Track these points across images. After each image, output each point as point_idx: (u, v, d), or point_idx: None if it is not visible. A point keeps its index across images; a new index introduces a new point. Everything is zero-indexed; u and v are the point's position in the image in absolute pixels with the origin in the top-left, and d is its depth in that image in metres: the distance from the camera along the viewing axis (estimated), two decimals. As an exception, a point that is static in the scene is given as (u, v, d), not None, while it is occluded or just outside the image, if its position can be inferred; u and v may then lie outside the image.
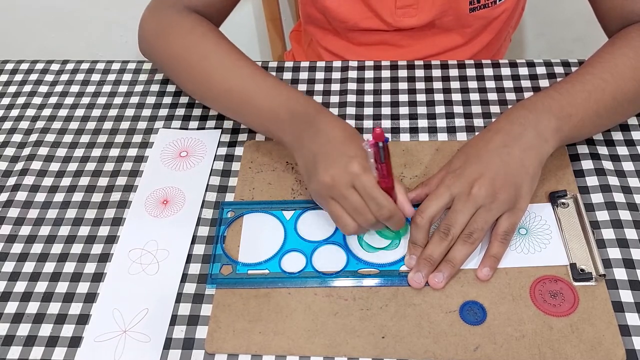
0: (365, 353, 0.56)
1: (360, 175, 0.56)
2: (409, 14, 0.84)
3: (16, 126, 0.78)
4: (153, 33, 0.76)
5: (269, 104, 0.66)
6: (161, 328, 0.58)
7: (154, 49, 0.77)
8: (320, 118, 0.63)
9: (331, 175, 0.57)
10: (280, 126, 0.65)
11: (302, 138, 0.62)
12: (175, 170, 0.71)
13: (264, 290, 0.60)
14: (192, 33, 0.73)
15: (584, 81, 0.65)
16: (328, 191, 0.58)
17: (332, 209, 0.59)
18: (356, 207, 0.57)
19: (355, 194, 0.57)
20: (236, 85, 0.69)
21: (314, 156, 0.60)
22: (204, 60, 0.71)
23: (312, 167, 0.60)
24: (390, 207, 0.57)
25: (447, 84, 0.78)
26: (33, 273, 0.63)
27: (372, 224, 0.58)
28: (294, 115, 0.64)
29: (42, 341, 0.58)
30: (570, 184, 0.66)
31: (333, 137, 0.60)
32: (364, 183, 0.56)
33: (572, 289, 0.58)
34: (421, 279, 0.59)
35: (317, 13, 0.89)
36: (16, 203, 0.69)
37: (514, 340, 0.55)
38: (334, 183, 0.57)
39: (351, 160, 0.57)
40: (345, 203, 0.58)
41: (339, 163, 0.58)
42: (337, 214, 0.59)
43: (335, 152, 0.59)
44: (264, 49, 1.53)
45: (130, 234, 0.65)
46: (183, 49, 0.72)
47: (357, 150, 0.58)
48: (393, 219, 0.58)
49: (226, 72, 0.69)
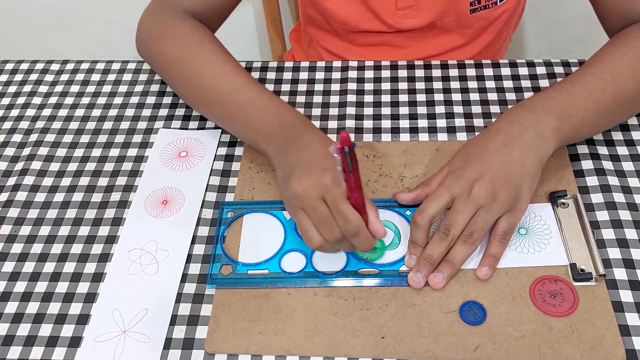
0: (365, 353, 0.56)
1: (331, 187, 0.56)
2: (409, 15, 0.84)
3: (16, 126, 0.78)
4: (150, 35, 0.76)
5: (259, 115, 0.66)
6: (161, 328, 0.58)
7: (151, 52, 0.77)
8: (308, 133, 0.63)
9: (303, 186, 0.57)
10: (267, 137, 0.65)
11: (286, 150, 0.62)
12: (175, 170, 0.71)
13: (263, 290, 0.60)
14: (189, 39, 0.73)
15: (584, 81, 0.65)
16: (298, 201, 0.57)
17: (300, 220, 0.58)
18: (323, 219, 0.56)
19: (324, 206, 0.56)
20: (228, 94, 0.69)
21: (292, 167, 0.60)
22: (198, 67, 0.71)
23: (287, 176, 0.59)
24: (358, 223, 0.56)
25: (447, 84, 0.78)
26: (33, 273, 0.63)
27: (338, 239, 0.57)
28: (283, 128, 0.64)
29: (42, 341, 0.58)
30: (570, 184, 0.66)
31: (315, 152, 0.60)
32: (333, 196, 0.55)
33: (572, 289, 0.58)
34: (421, 279, 0.59)
35: (318, 14, 0.89)
36: (16, 203, 0.69)
37: (514, 340, 0.55)
38: (304, 193, 0.57)
39: (325, 173, 0.57)
40: (313, 214, 0.56)
41: (313, 175, 0.57)
42: (303, 226, 0.57)
43: (312, 165, 0.58)
44: (264, 49, 1.53)
45: (130, 234, 0.65)
46: (179, 54, 0.72)
47: (335, 165, 0.58)
48: (359, 236, 0.56)
49: (218, 81, 0.70)
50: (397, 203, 0.65)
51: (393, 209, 0.65)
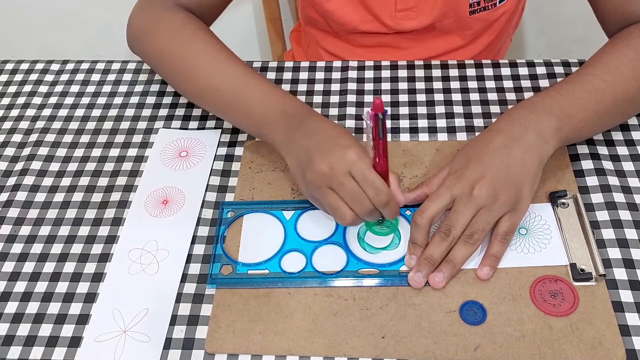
0: (365, 353, 0.56)
1: (357, 161, 0.57)
2: (408, 17, 0.84)
3: (16, 126, 0.78)
4: (142, 29, 0.76)
5: (260, 104, 0.66)
6: (161, 328, 0.58)
7: (143, 45, 0.76)
8: (312, 118, 0.63)
9: (328, 164, 0.57)
10: (270, 126, 0.65)
11: (293, 137, 0.62)
12: (175, 170, 0.71)
13: (264, 290, 0.60)
14: (182, 30, 0.72)
15: (585, 81, 0.65)
16: (325, 180, 0.58)
17: (330, 198, 0.58)
18: (354, 194, 0.57)
19: (352, 181, 0.57)
20: (225, 84, 0.68)
21: (307, 151, 0.60)
22: (193, 58, 0.70)
23: (306, 160, 0.59)
24: (388, 192, 0.57)
25: (447, 84, 0.78)
26: (33, 273, 0.63)
27: (369, 211, 0.58)
28: (286, 115, 0.64)
29: (42, 341, 0.58)
30: (570, 184, 0.66)
31: (326, 133, 0.61)
32: (361, 168, 0.56)
33: (572, 289, 0.58)
34: (421, 279, 0.59)
35: (317, 15, 0.89)
36: (16, 203, 0.69)
37: (514, 340, 0.55)
38: (331, 171, 0.57)
39: (347, 149, 0.57)
40: (343, 191, 0.57)
41: (335, 152, 0.58)
42: (334, 204, 0.58)
43: (329, 144, 0.59)
44: (264, 49, 1.53)
45: (130, 234, 0.65)
46: (172, 46, 0.72)
47: (351, 141, 0.59)
48: (390, 204, 0.58)
49: (216, 71, 0.69)
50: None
51: (393, 209, 0.65)
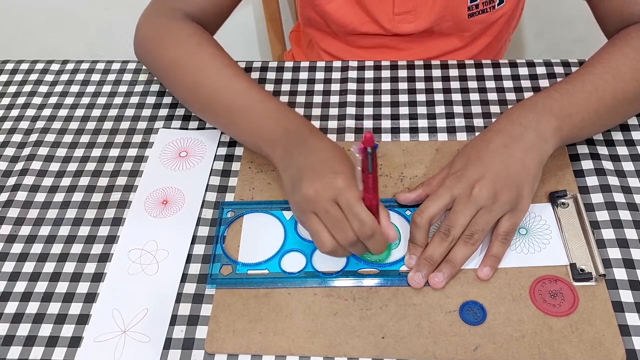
0: (365, 353, 0.56)
1: (344, 189, 0.55)
2: (407, 20, 0.84)
3: (16, 126, 0.78)
4: (149, 39, 0.76)
5: (262, 120, 0.66)
6: (161, 328, 0.58)
7: (150, 56, 0.76)
8: (313, 138, 0.63)
9: (315, 189, 0.56)
10: (271, 142, 0.64)
11: (292, 155, 0.61)
12: (175, 170, 0.71)
13: (264, 290, 0.60)
14: (188, 42, 0.72)
15: (585, 81, 0.65)
16: (310, 205, 0.56)
17: (312, 224, 0.56)
18: (336, 222, 0.55)
19: (337, 209, 0.55)
20: (229, 99, 0.68)
21: (300, 171, 0.59)
22: (198, 71, 0.70)
23: (296, 180, 0.58)
24: (373, 225, 0.55)
25: (447, 84, 0.78)
26: (33, 273, 0.63)
27: (352, 242, 0.56)
28: (287, 132, 0.64)
29: (42, 341, 0.58)
30: (570, 184, 0.66)
31: (323, 156, 0.60)
32: (347, 197, 0.55)
33: (572, 289, 0.58)
34: (421, 279, 0.59)
35: (317, 16, 0.89)
36: (16, 203, 0.69)
37: (514, 340, 0.55)
38: (316, 196, 0.56)
39: (337, 175, 0.56)
40: (326, 217, 0.55)
41: (324, 178, 0.56)
42: (316, 229, 0.56)
43: (321, 168, 0.58)
44: (264, 49, 1.53)
45: (130, 234, 0.65)
46: (178, 58, 0.72)
47: (345, 167, 0.58)
48: (374, 238, 0.55)
49: (219, 85, 0.69)
50: (397, 203, 0.65)
51: (393, 209, 0.65)
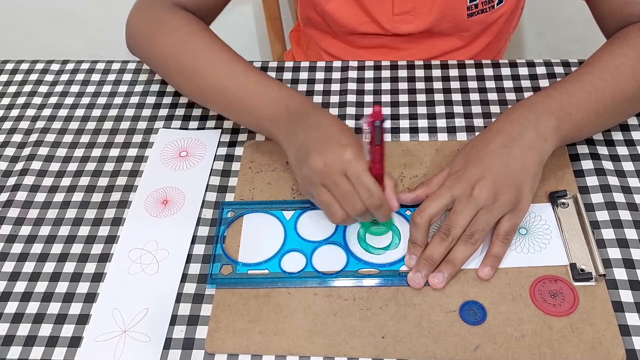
0: (365, 353, 0.56)
1: (352, 162, 0.56)
2: (406, 21, 0.84)
3: (16, 126, 0.78)
4: (141, 31, 0.75)
5: (263, 100, 0.66)
6: (161, 328, 0.58)
7: (143, 47, 0.75)
8: (315, 112, 0.63)
9: (324, 161, 0.57)
10: (274, 121, 0.65)
11: (295, 131, 0.62)
12: (175, 170, 0.71)
13: (264, 290, 0.60)
14: (182, 30, 0.72)
15: (584, 81, 0.65)
16: (319, 177, 0.58)
17: (322, 196, 0.58)
18: (346, 194, 0.57)
19: (346, 181, 0.57)
20: (228, 82, 0.68)
21: (306, 145, 0.60)
22: (195, 58, 0.70)
23: (304, 154, 0.59)
24: (381, 195, 0.57)
25: (447, 84, 0.78)
26: (33, 273, 0.63)
27: (361, 213, 0.58)
28: (289, 109, 0.64)
29: (42, 341, 0.58)
30: (570, 184, 0.66)
31: (327, 129, 0.60)
32: (356, 169, 0.56)
33: (572, 289, 0.58)
34: (421, 279, 0.59)
35: (317, 16, 0.89)
36: (16, 203, 0.69)
37: (514, 340, 0.55)
38: (326, 169, 0.57)
39: (344, 148, 0.57)
40: (336, 190, 0.57)
41: (332, 150, 0.58)
42: (326, 202, 0.58)
43: (328, 141, 0.59)
44: (264, 49, 1.53)
45: (130, 234, 0.65)
46: (173, 47, 0.72)
47: (351, 139, 0.59)
48: (382, 208, 0.58)
49: (218, 70, 0.69)
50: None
51: (393, 209, 0.65)
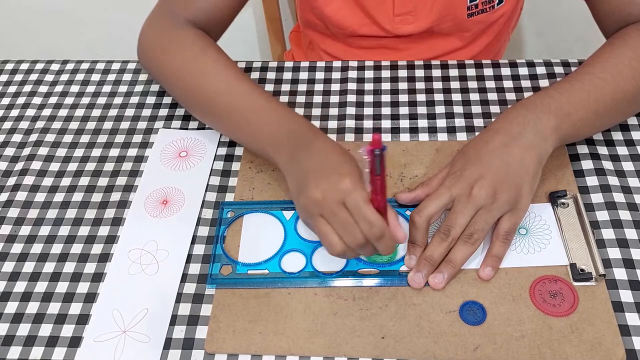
0: (365, 353, 0.56)
1: (351, 191, 0.54)
2: (406, 21, 0.84)
3: (16, 126, 0.78)
4: (152, 46, 0.76)
5: (267, 123, 0.65)
6: (161, 328, 0.58)
7: (153, 63, 0.76)
8: (317, 140, 0.62)
9: (322, 191, 0.55)
10: (276, 146, 0.64)
11: (297, 157, 0.61)
12: (175, 170, 0.71)
13: (264, 290, 0.60)
14: (192, 48, 0.72)
15: (583, 80, 0.65)
16: (317, 207, 0.56)
17: (320, 226, 0.56)
18: (345, 224, 0.54)
19: (345, 211, 0.54)
20: (233, 103, 0.68)
21: (306, 173, 0.58)
22: (202, 76, 0.70)
23: (302, 183, 0.58)
24: (382, 226, 0.54)
25: (447, 84, 0.78)
26: (33, 273, 0.63)
27: (361, 244, 0.55)
28: (292, 135, 0.63)
29: (42, 341, 0.58)
30: (570, 184, 0.66)
31: (328, 158, 0.59)
32: (355, 199, 0.54)
33: (572, 289, 0.58)
34: (421, 279, 0.59)
35: (316, 19, 0.89)
36: (16, 203, 0.69)
37: (514, 340, 0.55)
38: (324, 199, 0.55)
39: (343, 178, 0.55)
40: (334, 220, 0.55)
41: (331, 179, 0.56)
42: (324, 232, 0.56)
43: (328, 170, 0.57)
44: (264, 49, 1.53)
45: (130, 234, 0.65)
46: (182, 64, 0.72)
47: (351, 169, 0.57)
48: (383, 239, 0.55)
49: (223, 90, 0.68)
50: (397, 203, 0.65)
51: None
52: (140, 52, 0.78)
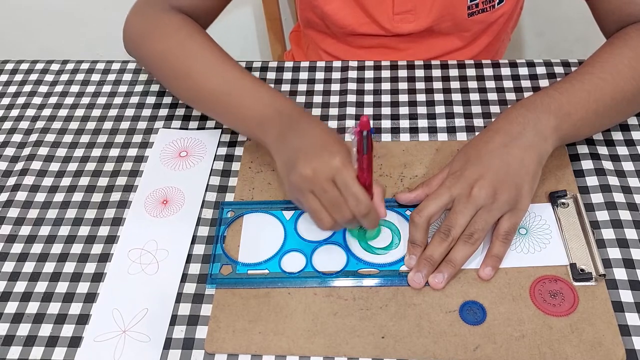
0: (365, 353, 0.56)
1: (341, 169, 0.56)
2: (406, 20, 0.84)
3: (16, 126, 0.78)
4: (138, 32, 0.76)
5: (253, 105, 0.66)
6: (161, 328, 0.58)
7: (140, 49, 0.76)
8: (305, 119, 0.63)
9: (312, 168, 0.57)
10: (264, 126, 0.65)
11: (285, 137, 0.62)
12: (175, 170, 0.71)
13: (264, 290, 0.60)
14: (178, 33, 0.72)
15: (583, 80, 0.65)
16: (308, 184, 0.58)
17: (310, 203, 0.58)
18: (334, 201, 0.57)
19: (334, 188, 0.57)
20: (220, 87, 0.68)
21: (295, 151, 0.59)
22: (189, 60, 0.70)
23: (292, 162, 0.59)
24: (369, 204, 0.57)
25: (447, 84, 0.78)
26: (33, 273, 0.63)
27: (348, 220, 0.58)
28: (280, 115, 0.64)
29: (42, 341, 0.58)
30: (570, 184, 0.66)
31: (317, 136, 0.60)
32: (344, 177, 0.56)
33: (572, 289, 0.58)
34: (421, 279, 0.59)
35: (316, 18, 0.89)
36: (16, 203, 0.69)
37: (514, 340, 0.55)
38: (314, 176, 0.57)
39: (333, 155, 0.57)
40: (324, 197, 0.57)
41: (321, 157, 0.57)
42: (314, 208, 0.58)
43: (317, 148, 0.59)
44: (264, 49, 1.53)
45: (130, 234, 0.65)
46: (168, 49, 0.72)
47: (340, 147, 0.58)
48: (369, 216, 0.57)
49: (210, 73, 0.69)
50: (397, 203, 0.65)
51: (393, 209, 0.65)
52: (127, 39, 0.78)
